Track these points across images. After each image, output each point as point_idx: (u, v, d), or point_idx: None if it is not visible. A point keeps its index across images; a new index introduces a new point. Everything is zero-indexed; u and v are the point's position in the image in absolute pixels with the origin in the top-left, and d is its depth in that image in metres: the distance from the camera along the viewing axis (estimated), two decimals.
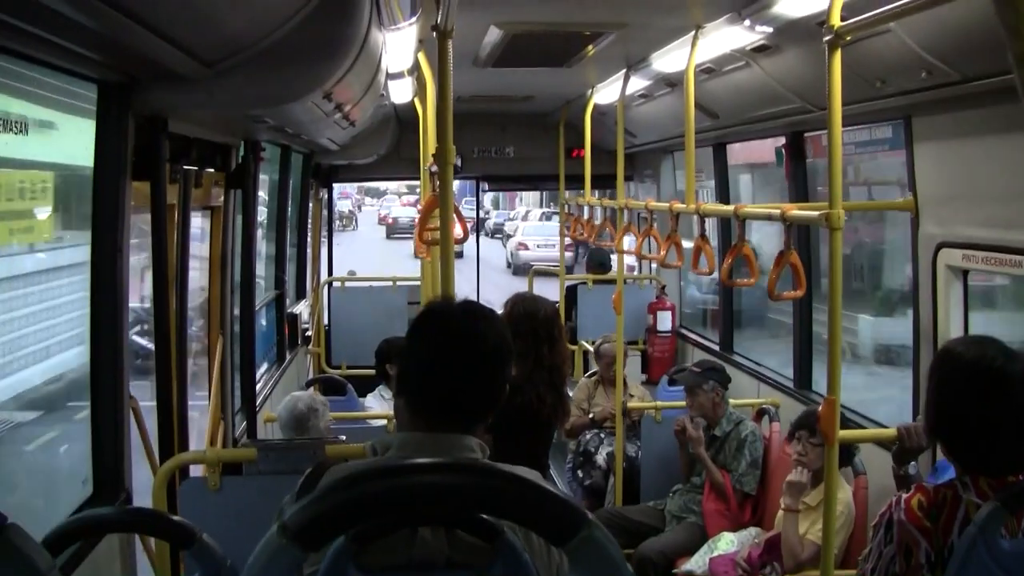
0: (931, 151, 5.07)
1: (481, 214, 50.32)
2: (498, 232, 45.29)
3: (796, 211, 4.41)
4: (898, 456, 4.00)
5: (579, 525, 1.35)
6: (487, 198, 54.10)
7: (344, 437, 4.68)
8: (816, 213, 3.99)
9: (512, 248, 36.24)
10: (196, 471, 4.94)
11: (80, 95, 3.94)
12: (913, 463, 4.02)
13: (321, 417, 5.37)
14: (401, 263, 9.80)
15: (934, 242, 4.99)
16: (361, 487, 1.35)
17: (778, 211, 4.41)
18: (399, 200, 54.70)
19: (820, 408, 3.94)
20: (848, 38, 3.72)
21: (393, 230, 46.92)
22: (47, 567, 1.43)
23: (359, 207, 60.90)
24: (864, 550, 3.09)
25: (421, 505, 1.37)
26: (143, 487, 4.49)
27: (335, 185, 12.42)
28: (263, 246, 8.64)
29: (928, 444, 4.09)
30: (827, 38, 3.74)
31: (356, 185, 55.45)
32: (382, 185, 57.93)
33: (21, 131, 3.53)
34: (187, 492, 4.39)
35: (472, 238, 12.16)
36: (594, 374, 8.64)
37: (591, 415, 8.03)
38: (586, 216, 9.65)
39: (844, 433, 4.11)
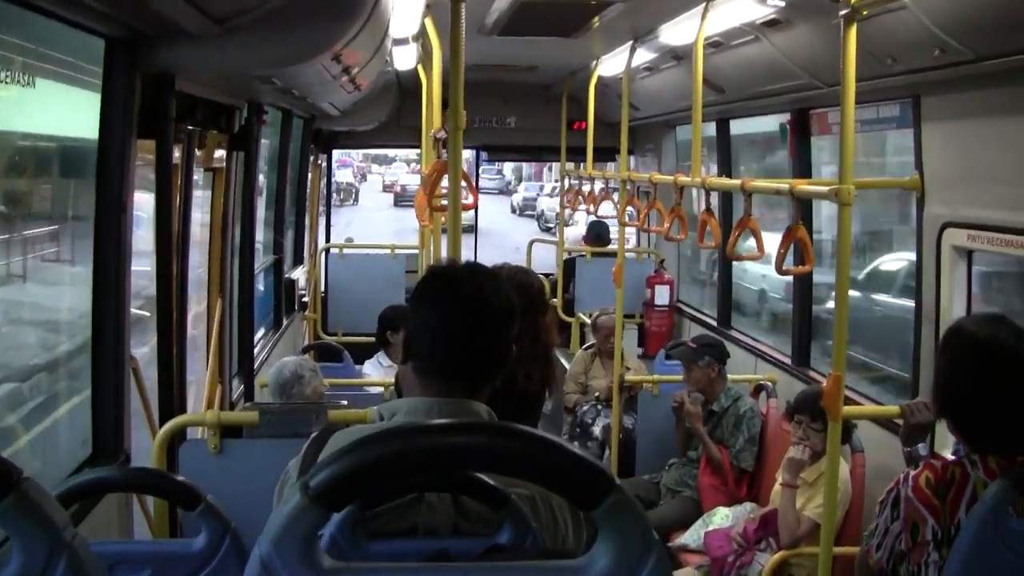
0: (939, 131, 5.04)
1: (500, 186, 49.61)
2: (529, 208, 42.20)
3: (805, 186, 4.39)
4: (906, 435, 3.99)
5: (608, 490, 1.33)
6: (508, 168, 52.49)
7: (345, 402, 4.67)
8: (826, 188, 3.97)
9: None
10: (192, 433, 4.94)
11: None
12: (923, 443, 4.01)
13: (307, 384, 5.32)
14: (412, 238, 9.70)
15: (939, 222, 4.97)
16: (385, 446, 1.33)
17: (786, 186, 4.39)
18: (408, 168, 52.62)
19: (824, 384, 3.93)
20: (864, 12, 3.69)
21: (401, 198, 44.86)
22: (63, 522, 1.42)
23: (363, 175, 58.71)
24: (870, 526, 3.09)
25: (448, 466, 1.35)
26: (140, 449, 4.49)
27: (335, 152, 12.37)
28: (262, 211, 8.60)
29: (936, 421, 4.07)
30: (843, 12, 3.71)
31: (361, 152, 54.30)
32: (390, 152, 56.03)
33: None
34: (186, 454, 4.37)
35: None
36: (591, 347, 8.64)
37: (596, 393, 8.01)
38: (587, 189, 9.61)
39: (848, 410, 4.12)
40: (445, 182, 3.97)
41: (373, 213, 40.93)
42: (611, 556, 1.37)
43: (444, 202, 4.18)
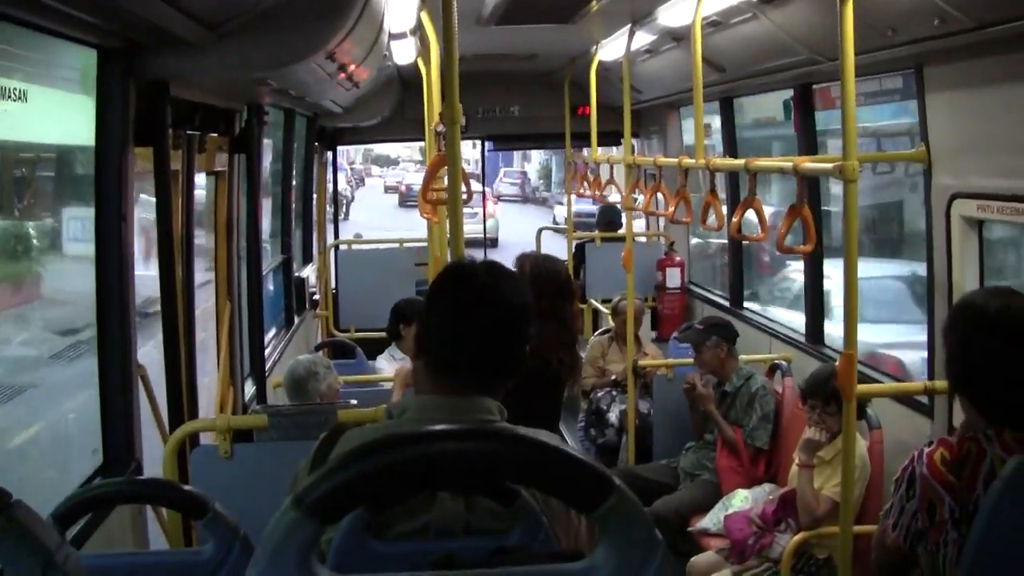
0: (943, 101, 4.99)
1: (527, 193, 48.16)
2: (585, 228, 39.18)
3: (809, 163, 4.35)
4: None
5: (607, 492, 1.31)
6: (532, 170, 49.22)
7: (355, 401, 4.64)
8: (830, 165, 3.93)
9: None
10: (206, 438, 4.93)
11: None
12: None
13: (322, 380, 5.31)
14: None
15: (948, 193, 4.92)
16: (379, 457, 1.31)
17: (790, 164, 4.35)
18: (415, 167, 50.41)
19: (837, 363, 3.90)
20: None
21: (407, 198, 42.71)
22: (55, 545, 1.40)
23: (361, 179, 55.16)
24: (885, 505, 3.05)
25: (442, 474, 1.33)
26: (152, 456, 4.48)
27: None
28: (269, 211, 8.59)
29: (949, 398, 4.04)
30: None
31: (361, 150, 52.29)
32: (393, 152, 54.39)
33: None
34: (198, 460, 4.37)
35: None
36: (607, 332, 8.61)
37: (613, 376, 7.99)
38: (591, 175, 9.58)
39: (862, 388, 4.08)
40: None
41: (367, 230, 37.03)
42: (614, 557, 1.34)
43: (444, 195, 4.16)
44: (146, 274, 4.83)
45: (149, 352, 4.93)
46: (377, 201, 46.91)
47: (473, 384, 2.30)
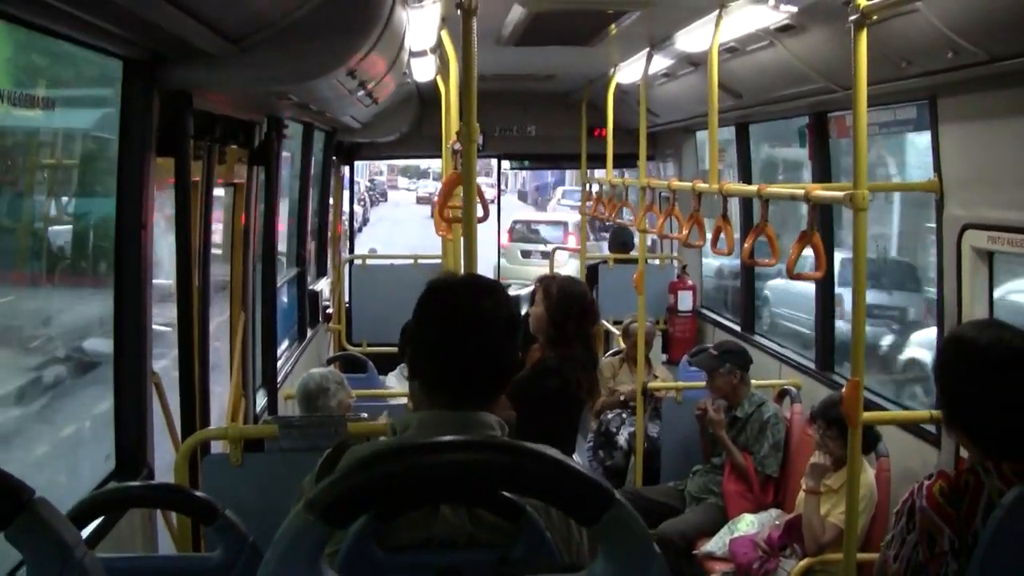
0: (956, 132, 5.02)
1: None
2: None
3: (820, 191, 4.38)
4: None
5: (606, 504, 1.34)
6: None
7: (365, 415, 4.68)
8: (841, 194, 3.96)
9: None
10: (216, 448, 4.97)
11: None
12: None
13: (333, 395, 5.35)
14: None
15: (959, 224, 4.95)
16: (389, 464, 1.35)
17: (802, 191, 4.39)
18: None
19: (843, 390, 3.93)
20: (874, 17, 3.69)
21: None
22: (74, 542, 1.43)
23: (383, 194, 50.85)
24: (886, 536, 3.07)
25: (448, 483, 1.37)
26: (164, 463, 4.52)
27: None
28: (285, 224, 8.65)
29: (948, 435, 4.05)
30: (853, 17, 3.72)
31: (386, 164, 49.40)
32: (423, 164, 51.23)
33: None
34: (209, 468, 4.41)
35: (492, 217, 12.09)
36: (618, 353, 8.63)
37: (621, 396, 8.02)
38: (606, 197, 9.61)
39: (868, 415, 4.10)
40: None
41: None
42: (613, 569, 1.38)
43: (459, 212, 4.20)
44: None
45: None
46: (407, 214, 42.53)
47: (468, 399, 2.32)
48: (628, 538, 1.36)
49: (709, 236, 5.76)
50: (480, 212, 3.98)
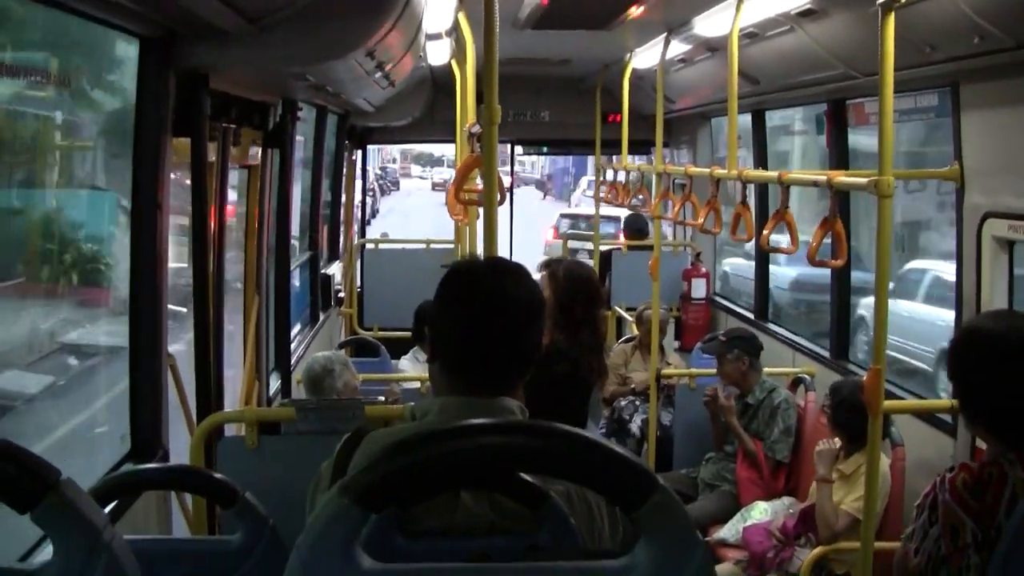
0: (978, 119, 4.98)
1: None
2: None
3: (843, 178, 4.34)
4: None
5: (650, 490, 1.32)
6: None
7: (383, 398, 4.66)
8: (864, 180, 3.92)
9: None
10: (229, 431, 4.95)
11: None
12: None
13: (339, 377, 5.33)
14: None
15: (980, 212, 4.91)
16: (424, 449, 1.33)
17: (824, 178, 4.35)
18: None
19: (864, 378, 3.89)
20: (902, 0, 3.64)
21: None
22: (102, 523, 1.41)
23: (394, 183, 48.60)
24: (908, 529, 3.04)
25: (484, 467, 1.34)
26: (176, 446, 4.50)
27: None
28: (297, 207, 8.63)
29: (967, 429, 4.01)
30: (880, 1, 3.66)
31: (398, 150, 48.58)
32: (436, 151, 48.25)
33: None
34: (224, 451, 4.38)
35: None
36: (631, 339, 8.61)
37: (632, 386, 8.00)
38: (622, 181, 9.58)
39: (887, 404, 4.06)
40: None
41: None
42: (655, 556, 1.35)
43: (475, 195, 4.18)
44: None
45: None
46: (420, 203, 40.31)
47: (490, 384, 2.29)
48: (671, 525, 1.33)
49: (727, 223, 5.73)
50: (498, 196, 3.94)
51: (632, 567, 1.35)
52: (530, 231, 13.48)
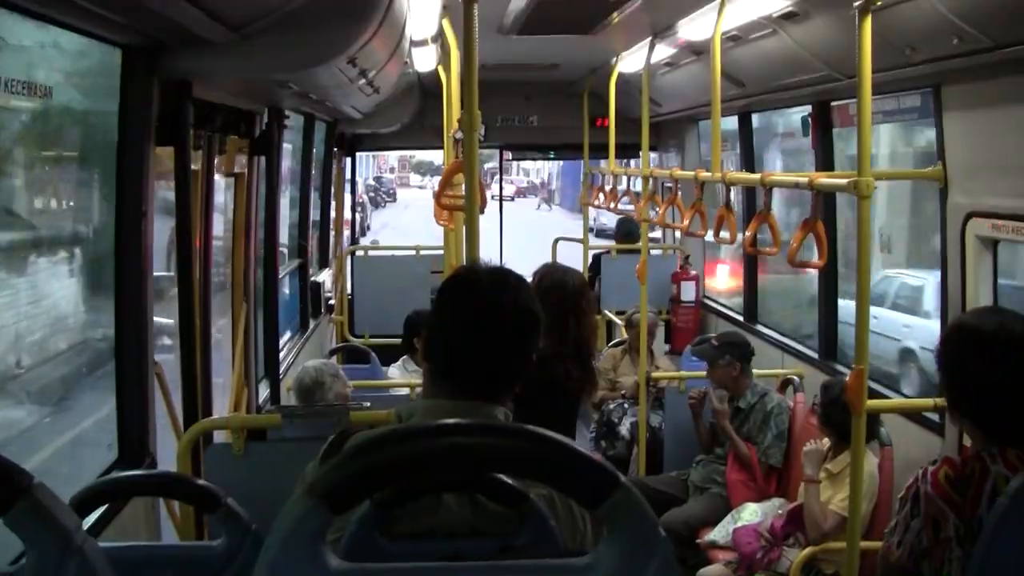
0: (961, 120, 5.00)
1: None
2: None
3: (824, 179, 4.37)
4: None
5: (611, 487, 1.33)
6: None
7: (368, 404, 4.67)
8: (844, 181, 3.95)
9: None
10: (219, 438, 4.96)
11: None
12: None
13: (329, 388, 5.29)
14: None
15: (963, 212, 4.93)
16: (389, 449, 1.34)
17: (806, 179, 4.37)
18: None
19: (847, 379, 3.91)
20: (879, 3, 3.67)
21: None
22: (74, 527, 1.42)
23: (390, 192, 46.18)
24: (890, 523, 3.06)
25: (448, 466, 1.35)
26: (165, 454, 4.51)
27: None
28: (287, 215, 8.64)
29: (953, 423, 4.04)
30: (857, 3, 3.69)
31: (397, 158, 47.11)
32: (437, 158, 48.31)
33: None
34: (212, 457, 4.40)
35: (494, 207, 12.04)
36: (620, 343, 8.61)
37: (622, 392, 8.00)
38: (608, 186, 9.59)
39: (872, 403, 4.08)
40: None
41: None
42: (617, 553, 1.36)
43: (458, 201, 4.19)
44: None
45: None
46: (417, 218, 27.78)
47: (477, 390, 2.31)
48: (633, 522, 1.34)
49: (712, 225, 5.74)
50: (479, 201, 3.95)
51: (595, 564, 1.36)
52: (535, 244, 13.20)
